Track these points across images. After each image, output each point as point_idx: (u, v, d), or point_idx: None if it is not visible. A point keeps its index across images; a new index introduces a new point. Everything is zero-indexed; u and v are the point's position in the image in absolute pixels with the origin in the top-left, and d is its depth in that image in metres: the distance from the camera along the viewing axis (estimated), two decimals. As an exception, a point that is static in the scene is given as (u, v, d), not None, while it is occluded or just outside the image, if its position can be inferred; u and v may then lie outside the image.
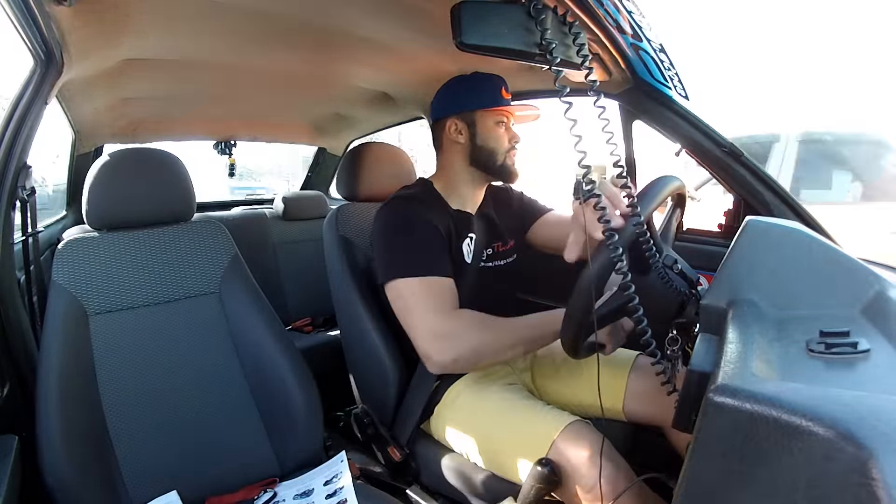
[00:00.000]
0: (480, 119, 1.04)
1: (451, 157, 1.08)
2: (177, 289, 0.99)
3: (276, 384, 0.97)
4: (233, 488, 0.89)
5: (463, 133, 1.05)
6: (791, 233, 0.58)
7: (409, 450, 1.02)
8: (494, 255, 1.11)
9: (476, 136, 1.04)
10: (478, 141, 1.04)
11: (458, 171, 1.08)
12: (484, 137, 1.04)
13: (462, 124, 1.05)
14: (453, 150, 1.07)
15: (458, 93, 1.06)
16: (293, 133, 2.31)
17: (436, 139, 1.11)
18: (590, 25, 0.87)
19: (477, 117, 1.04)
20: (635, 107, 1.12)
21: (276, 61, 1.31)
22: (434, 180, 1.10)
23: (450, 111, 1.06)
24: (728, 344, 0.44)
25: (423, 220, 0.97)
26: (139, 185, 0.97)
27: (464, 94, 1.05)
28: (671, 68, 1.01)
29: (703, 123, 1.04)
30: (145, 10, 0.92)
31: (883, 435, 0.29)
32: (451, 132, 1.05)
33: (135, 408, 0.89)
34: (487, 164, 1.05)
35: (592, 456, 0.77)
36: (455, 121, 1.05)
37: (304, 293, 2.05)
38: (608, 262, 0.66)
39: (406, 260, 0.94)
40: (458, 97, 1.06)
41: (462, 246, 1.04)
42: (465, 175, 1.08)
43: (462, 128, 1.05)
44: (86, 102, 1.42)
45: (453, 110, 1.05)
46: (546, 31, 0.70)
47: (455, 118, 1.05)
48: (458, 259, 1.03)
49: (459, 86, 1.07)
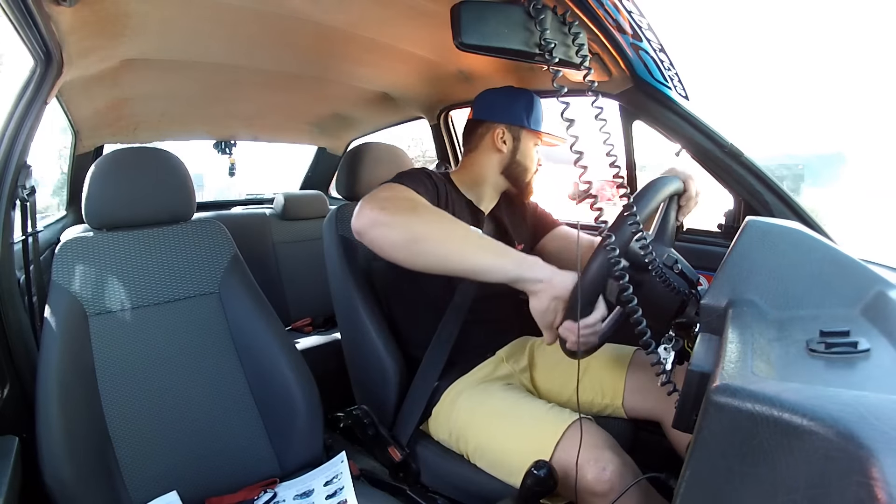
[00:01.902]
0: (525, 137, 1.09)
1: (486, 159, 1.10)
2: (177, 289, 0.99)
3: (276, 384, 0.97)
4: (233, 488, 0.89)
5: (507, 143, 1.08)
6: (791, 233, 0.58)
7: (408, 450, 1.02)
8: None
9: (517, 150, 1.09)
10: (517, 156, 1.09)
11: (488, 174, 1.11)
12: (523, 154, 1.09)
13: (509, 136, 1.08)
14: (491, 154, 1.09)
15: (514, 105, 1.09)
16: (293, 133, 2.31)
17: (474, 136, 1.12)
18: (589, 25, 0.88)
19: (523, 134, 1.08)
20: (635, 107, 1.12)
21: (276, 61, 1.31)
22: (454, 175, 1.12)
23: (502, 119, 1.08)
24: (728, 344, 0.44)
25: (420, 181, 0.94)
26: (139, 185, 0.97)
27: (520, 108, 1.08)
28: (671, 68, 1.01)
29: (704, 124, 1.04)
30: (145, 10, 0.92)
31: (883, 435, 0.29)
32: (497, 138, 1.08)
33: (135, 408, 0.89)
34: (518, 178, 1.11)
35: (598, 452, 0.78)
36: (504, 129, 1.08)
37: (304, 293, 2.05)
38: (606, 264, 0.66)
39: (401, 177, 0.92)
40: (515, 109, 1.08)
41: None
42: (493, 179, 1.11)
43: (508, 138, 1.08)
44: (86, 102, 1.42)
45: (506, 120, 1.08)
46: (545, 31, 0.70)
47: (505, 127, 1.08)
48: None
49: (517, 99, 1.10)
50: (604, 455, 0.77)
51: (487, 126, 1.09)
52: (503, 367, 1.08)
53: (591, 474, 0.76)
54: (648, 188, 0.77)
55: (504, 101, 1.10)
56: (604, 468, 0.76)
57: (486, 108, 1.11)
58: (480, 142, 1.10)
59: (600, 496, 0.76)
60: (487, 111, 1.11)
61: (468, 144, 1.13)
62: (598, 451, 0.78)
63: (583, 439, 0.78)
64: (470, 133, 1.13)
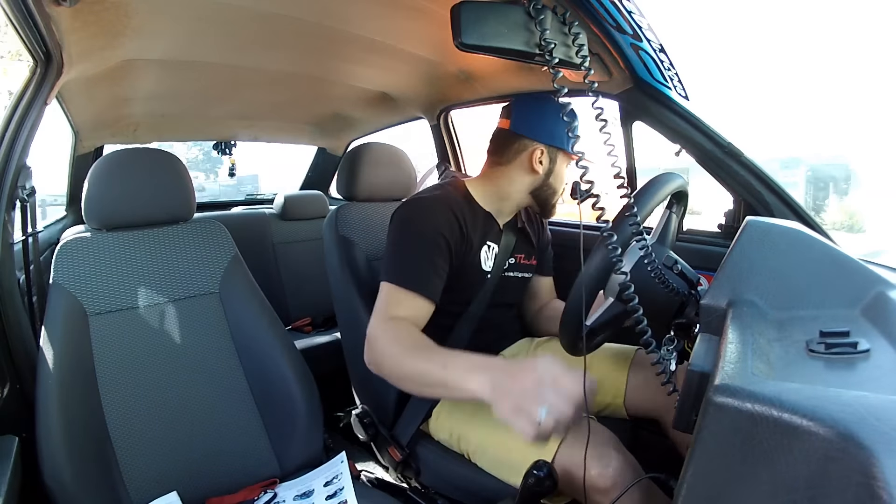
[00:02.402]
0: (561, 159, 1.03)
1: (517, 178, 1.03)
2: (177, 289, 0.99)
3: (276, 384, 0.97)
4: (233, 489, 0.89)
5: (544, 164, 1.02)
6: (791, 233, 0.58)
7: (408, 450, 1.02)
8: (517, 266, 1.11)
9: (552, 173, 1.03)
10: (551, 178, 1.04)
11: (516, 191, 1.05)
12: (556, 177, 1.04)
13: (547, 158, 1.02)
14: (525, 172, 1.03)
15: (556, 125, 1.00)
16: (293, 133, 2.31)
17: (508, 150, 1.03)
18: (589, 25, 0.88)
19: (560, 156, 1.03)
20: (635, 107, 1.12)
21: (275, 61, 1.31)
22: (471, 183, 1.07)
23: (544, 139, 1.01)
24: (728, 344, 0.44)
25: (433, 227, 0.95)
26: (139, 185, 0.97)
27: (562, 129, 1.00)
28: (671, 68, 1.01)
29: (703, 123, 1.04)
30: (145, 10, 0.92)
31: (883, 435, 0.29)
32: (535, 158, 1.01)
33: (135, 408, 0.89)
34: (546, 199, 1.05)
35: (601, 449, 0.78)
36: (543, 149, 1.01)
37: (304, 293, 2.05)
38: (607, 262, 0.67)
39: (403, 268, 0.93)
40: (557, 130, 1.01)
41: (480, 252, 1.03)
42: (520, 197, 1.06)
43: (545, 160, 1.02)
44: (86, 102, 1.42)
45: (548, 140, 1.01)
46: (545, 32, 0.70)
47: (544, 147, 1.01)
48: (474, 263, 1.02)
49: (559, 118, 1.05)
50: (607, 452, 0.78)
51: (525, 143, 1.01)
52: None
53: (595, 470, 0.76)
54: (649, 187, 0.77)
55: (543, 117, 1.02)
56: (607, 465, 0.76)
57: (528, 122, 1.03)
58: (515, 158, 1.02)
59: (603, 492, 0.76)
60: (528, 127, 1.02)
61: (498, 156, 1.04)
62: (601, 448, 0.78)
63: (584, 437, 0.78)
64: (502, 145, 1.04)
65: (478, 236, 1.02)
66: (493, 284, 1.05)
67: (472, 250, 1.01)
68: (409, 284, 0.92)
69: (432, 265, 0.93)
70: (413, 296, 0.91)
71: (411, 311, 0.91)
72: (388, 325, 0.88)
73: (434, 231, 0.94)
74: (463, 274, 1.00)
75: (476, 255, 1.02)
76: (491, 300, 1.05)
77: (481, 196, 1.05)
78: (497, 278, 1.06)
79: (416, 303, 0.91)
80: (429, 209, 0.97)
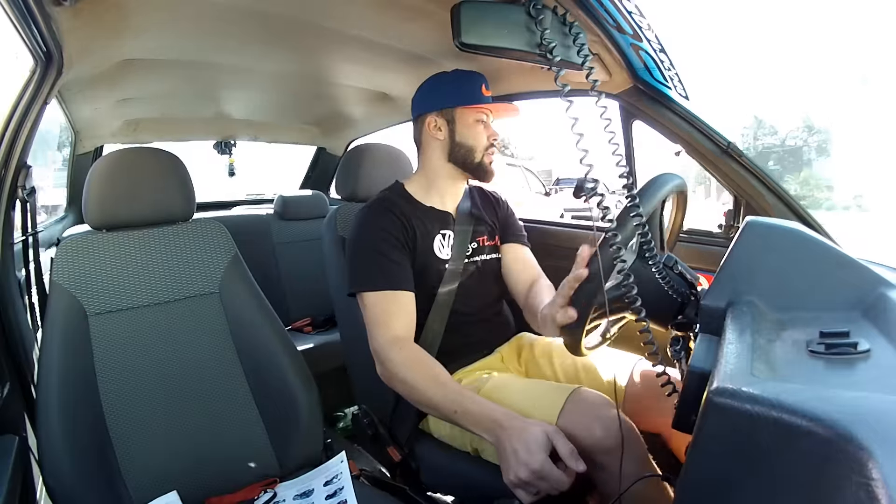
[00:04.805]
0: (460, 116, 1.04)
1: (430, 154, 1.08)
2: (177, 289, 0.99)
3: (276, 384, 0.97)
4: (233, 488, 0.89)
5: (442, 129, 1.05)
6: (791, 233, 0.58)
7: (408, 449, 1.02)
8: (479, 250, 1.11)
9: (455, 132, 1.05)
10: (457, 138, 1.05)
11: (437, 168, 1.08)
12: (463, 134, 1.04)
13: (442, 121, 1.05)
14: (432, 146, 1.07)
15: (438, 90, 1.07)
16: (293, 133, 2.32)
17: (416, 136, 1.11)
18: (590, 25, 0.88)
19: (457, 114, 1.04)
20: (635, 107, 1.12)
21: (275, 61, 1.31)
22: (408, 181, 1.11)
23: (430, 108, 1.06)
24: (728, 344, 0.44)
25: (377, 229, 0.99)
26: (139, 185, 0.96)
27: (444, 91, 1.06)
28: (671, 68, 1.01)
29: (703, 123, 1.04)
30: (145, 10, 0.92)
31: (883, 435, 0.29)
32: (431, 128, 1.06)
33: (135, 408, 0.89)
34: (465, 161, 1.05)
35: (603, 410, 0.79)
36: (435, 117, 1.05)
37: (304, 293, 2.05)
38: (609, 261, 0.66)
39: (368, 274, 0.97)
40: (439, 94, 1.06)
41: (433, 243, 1.05)
42: (443, 171, 1.08)
43: (441, 124, 1.05)
44: (86, 102, 1.42)
45: (433, 107, 1.06)
46: (546, 31, 0.70)
47: (435, 115, 1.05)
48: (430, 257, 1.04)
49: (440, 83, 1.07)
50: (609, 412, 0.78)
51: (421, 120, 1.08)
52: (501, 364, 1.09)
53: (600, 432, 0.77)
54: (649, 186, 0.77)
55: (426, 91, 1.08)
56: (608, 426, 0.77)
57: (416, 104, 1.10)
58: (421, 139, 1.09)
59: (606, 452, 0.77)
60: (417, 107, 1.09)
61: (416, 147, 1.11)
62: (602, 408, 0.80)
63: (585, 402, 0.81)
64: (414, 135, 1.11)
65: (426, 228, 1.04)
66: (457, 272, 1.05)
67: (424, 241, 1.03)
68: (381, 285, 0.95)
69: (391, 261, 0.97)
70: (391, 294, 0.95)
71: (400, 310, 0.95)
72: (394, 346, 0.91)
73: (380, 231, 0.99)
74: (422, 267, 1.02)
75: (429, 245, 1.04)
76: (463, 291, 1.05)
77: (416, 190, 1.09)
78: (460, 265, 1.06)
79: (397, 300, 0.95)
80: (366, 216, 1.02)
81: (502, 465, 0.75)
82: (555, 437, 0.73)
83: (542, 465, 0.71)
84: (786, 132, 14.93)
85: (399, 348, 0.91)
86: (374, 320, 0.95)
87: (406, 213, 1.03)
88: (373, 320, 0.95)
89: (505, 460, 0.75)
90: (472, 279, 1.08)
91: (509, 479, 0.73)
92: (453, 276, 1.05)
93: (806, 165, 13.48)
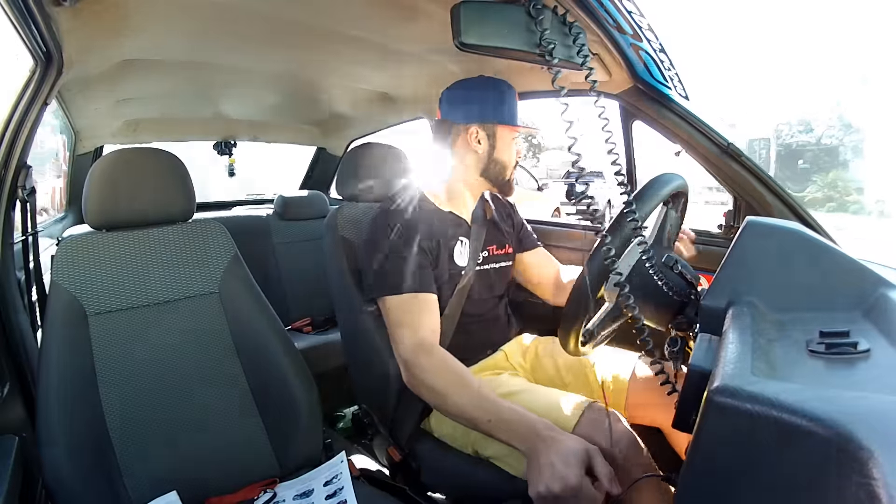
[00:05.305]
0: (501, 133, 1.04)
1: (464, 163, 1.06)
2: (177, 289, 0.99)
3: (276, 384, 0.97)
4: (233, 488, 0.89)
5: (482, 143, 1.03)
6: (791, 233, 0.58)
7: (408, 449, 1.02)
8: (490, 258, 1.12)
9: (495, 149, 1.04)
10: (495, 154, 1.04)
11: (467, 178, 1.07)
12: (501, 151, 1.04)
13: (483, 134, 1.03)
14: (469, 157, 1.05)
15: (483, 101, 1.03)
16: (293, 133, 2.31)
17: (448, 141, 1.06)
18: (590, 25, 0.88)
19: (498, 130, 1.03)
20: (635, 107, 1.12)
21: (275, 61, 1.31)
22: (429, 186, 1.09)
23: (474, 118, 1.03)
24: (728, 344, 0.44)
25: (402, 232, 0.98)
26: (139, 185, 0.96)
27: (490, 104, 1.03)
28: (671, 68, 1.01)
29: (703, 123, 1.04)
30: (145, 10, 0.92)
31: (883, 435, 0.29)
32: (472, 139, 1.03)
33: (135, 408, 0.89)
34: (498, 177, 1.06)
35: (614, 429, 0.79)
36: (478, 129, 1.03)
37: (304, 293, 2.05)
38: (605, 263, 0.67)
39: (393, 277, 0.96)
40: (485, 106, 1.03)
41: (454, 250, 1.05)
42: (472, 182, 1.07)
43: (482, 137, 1.03)
44: (86, 102, 1.42)
45: (478, 118, 1.03)
46: (546, 32, 0.70)
47: (478, 126, 1.03)
48: (449, 263, 1.04)
49: (485, 94, 1.04)
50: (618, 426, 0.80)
51: (459, 128, 1.04)
52: (507, 362, 1.09)
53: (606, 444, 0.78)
54: (649, 187, 0.77)
55: (469, 98, 1.04)
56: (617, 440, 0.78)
57: (452, 109, 1.05)
58: (453, 145, 1.05)
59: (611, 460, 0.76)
60: (454, 113, 1.05)
61: (440, 147, 1.07)
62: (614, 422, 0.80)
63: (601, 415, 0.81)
64: (440, 135, 1.07)
65: (447, 234, 1.04)
66: (470, 279, 1.06)
67: (445, 247, 1.03)
68: (406, 288, 0.94)
69: (416, 264, 0.96)
70: (417, 297, 0.93)
71: (426, 312, 0.94)
72: (422, 351, 0.90)
73: (403, 234, 0.98)
74: (440, 273, 1.02)
75: (450, 251, 1.04)
76: (471, 294, 1.06)
77: (437, 196, 1.08)
78: (472, 272, 1.06)
79: (423, 302, 0.94)
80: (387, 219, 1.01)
81: (531, 475, 0.72)
82: (594, 455, 0.71)
83: (580, 481, 0.68)
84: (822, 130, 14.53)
85: (427, 354, 0.90)
86: (399, 322, 0.93)
87: (428, 219, 1.02)
88: (397, 323, 0.93)
89: (536, 471, 0.72)
90: (481, 284, 1.08)
91: (538, 490, 0.70)
92: (466, 281, 1.05)
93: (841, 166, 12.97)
